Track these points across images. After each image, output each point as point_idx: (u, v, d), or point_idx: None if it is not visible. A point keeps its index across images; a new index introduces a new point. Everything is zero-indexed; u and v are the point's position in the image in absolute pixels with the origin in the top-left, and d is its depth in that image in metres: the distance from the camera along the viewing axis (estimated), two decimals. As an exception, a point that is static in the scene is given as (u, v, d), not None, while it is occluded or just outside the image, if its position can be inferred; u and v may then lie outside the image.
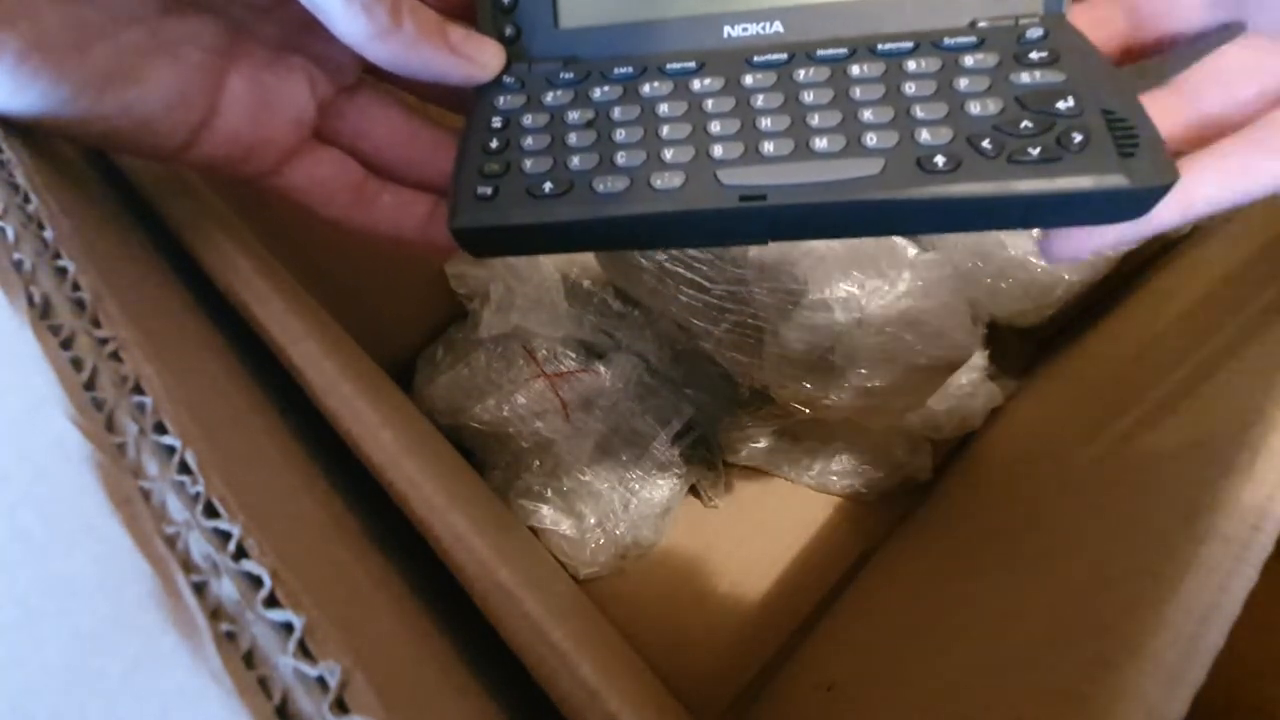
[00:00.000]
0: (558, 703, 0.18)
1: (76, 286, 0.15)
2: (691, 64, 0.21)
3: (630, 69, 0.22)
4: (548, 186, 0.20)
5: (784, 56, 0.21)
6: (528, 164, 0.21)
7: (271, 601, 0.12)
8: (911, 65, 0.20)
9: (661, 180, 0.20)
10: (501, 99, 0.22)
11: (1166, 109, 0.21)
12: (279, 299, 0.21)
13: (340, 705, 0.12)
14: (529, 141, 0.21)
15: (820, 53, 0.21)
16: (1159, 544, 0.17)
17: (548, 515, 0.45)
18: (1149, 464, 0.22)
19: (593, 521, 0.45)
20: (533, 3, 0.22)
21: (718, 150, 0.20)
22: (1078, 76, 0.19)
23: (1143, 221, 0.19)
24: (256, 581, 0.12)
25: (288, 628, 0.12)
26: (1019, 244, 0.43)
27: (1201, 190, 0.19)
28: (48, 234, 0.16)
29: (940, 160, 0.18)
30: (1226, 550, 0.16)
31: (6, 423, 0.13)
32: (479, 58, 0.21)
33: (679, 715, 0.31)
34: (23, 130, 0.18)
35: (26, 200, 0.16)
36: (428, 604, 0.21)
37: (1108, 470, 0.25)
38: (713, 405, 0.47)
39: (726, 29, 0.22)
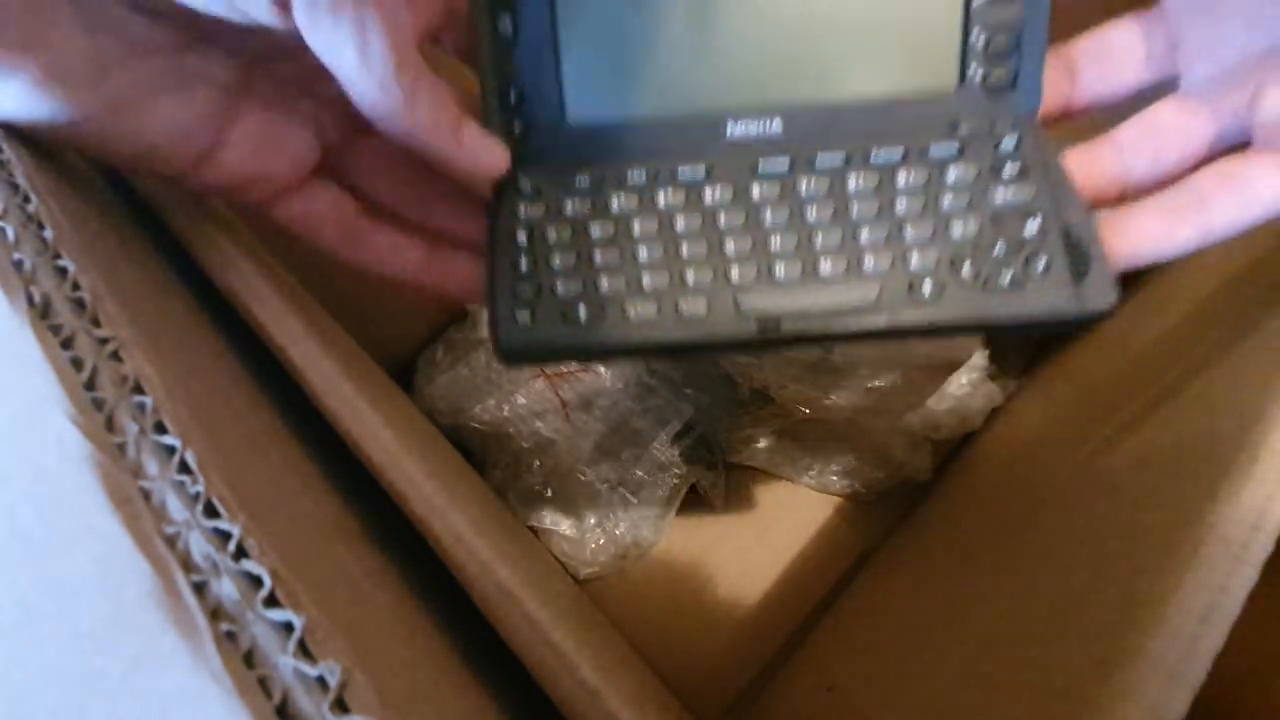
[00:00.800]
0: (558, 703, 0.18)
1: (76, 286, 0.15)
2: (701, 170, 0.23)
3: (643, 174, 0.23)
4: (583, 313, 0.22)
5: (786, 165, 0.23)
6: (560, 286, 0.22)
7: (271, 601, 0.12)
8: (902, 178, 0.22)
9: (687, 306, 0.22)
10: (523, 208, 0.23)
11: (1099, 161, 0.23)
12: (279, 299, 0.21)
13: (340, 705, 0.12)
14: (557, 261, 0.22)
15: (819, 162, 0.23)
16: (1159, 544, 0.17)
17: (548, 515, 0.45)
18: (1149, 464, 0.22)
19: (593, 521, 0.45)
20: (540, 101, 0.23)
21: (735, 273, 0.22)
22: (1044, 192, 0.22)
23: None
24: (256, 581, 0.12)
25: (288, 628, 0.12)
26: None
27: (1121, 253, 0.22)
28: (48, 234, 0.16)
29: (927, 288, 0.21)
30: (1226, 550, 0.16)
31: (6, 423, 0.13)
32: (484, 160, 0.22)
33: (679, 715, 0.31)
34: (24, 133, 0.18)
35: (26, 200, 0.16)
36: (428, 604, 0.21)
37: (1107, 470, 0.25)
38: (713, 405, 0.47)
39: (730, 127, 0.23)
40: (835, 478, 0.48)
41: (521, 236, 0.23)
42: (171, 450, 0.13)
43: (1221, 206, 0.21)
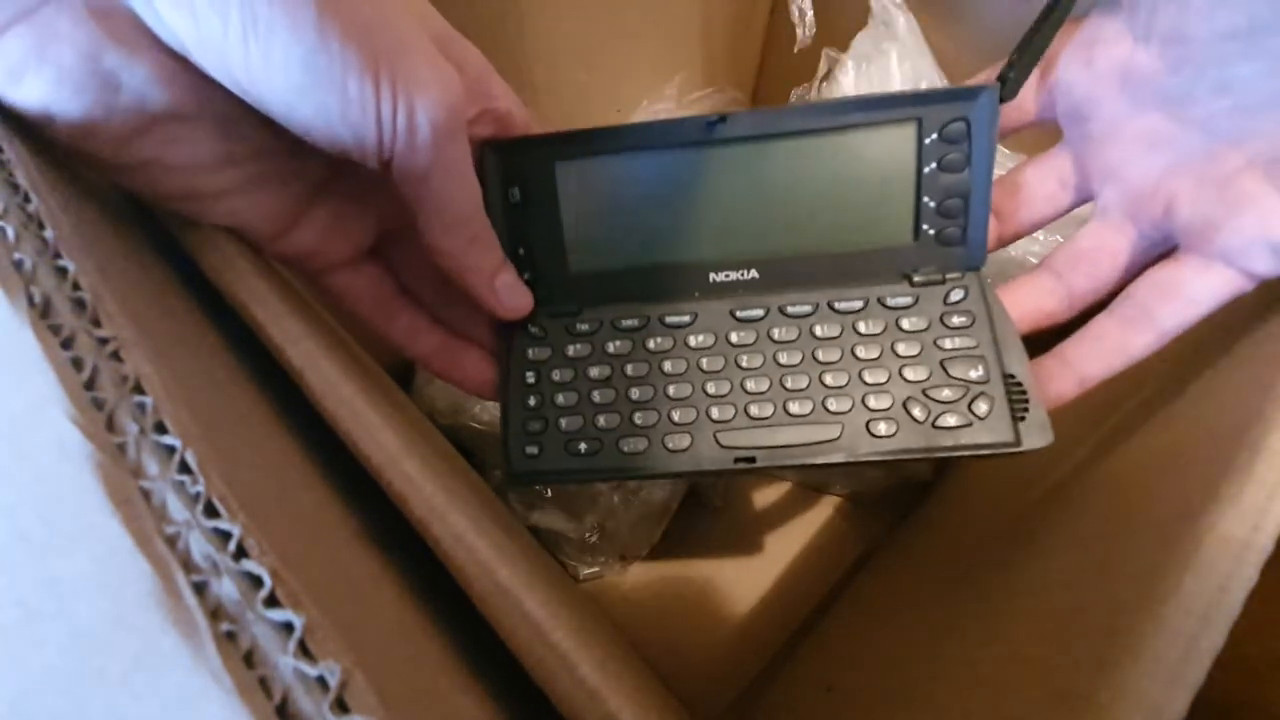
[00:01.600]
0: (557, 703, 0.18)
1: (76, 286, 0.15)
2: (686, 317, 0.27)
3: (635, 321, 0.27)
4: (583, 446, 0.26)
5: (761, 312, 0.26)
6: (563, 423, 0.26)
7: (271, 601, 0.12)
8: (862, 326, 0.26)
9: (673, 442, 0.25)
10: (531, 350, 0.27)
11: (1043, 289, 0.27)
12: (278, 299, 0.21)
13: (340, 705, 0.12)
14: (560, 399, 0.26)
15: (790, 309, 0.26)
16: (1159, 544, 0.17)
17: (548, 515, 0.45)
18: (1149, 464, 0.22)
19: (593, 521, 0.45)
20: (546, 254, 0.27)
21: (715, 413, 0.25)
22: (987, 340, 0.25)
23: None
24: (256, 581, 0.12)
25: (288, 628, 0.12)
26: (1019, 244, 0.43)
27: (1091, 372, 0.25)
28: (48, 234, 0.16)
29: (882, 428, 0.24)
30: (1226, 550, 0.16)
31: (6, 423, 0.13)
32: (509, 303, 0.26)
33: (679, 715, 0.31)
34: (23, 130, 0.18)
35: (26, 200, 0.16)
36: (428, 604, 0.21)
37: (1107, 470, 0.25)
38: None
39: (712, 275, 0.27)
40: (835, 478, 0.48)
41: (530, 377, 0.26)
42: (171, 450, 0.13)
43: (1165, 314, 0.24)
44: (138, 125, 0.19)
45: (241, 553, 0.13)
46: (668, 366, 0.26)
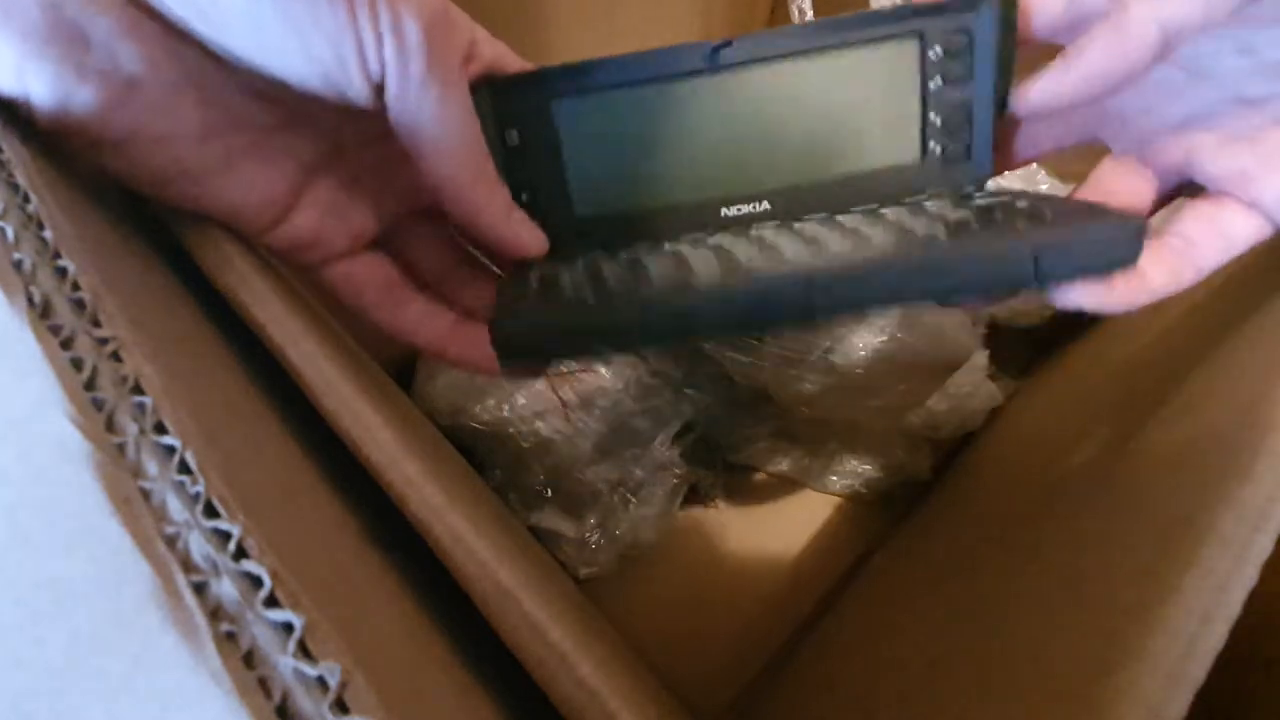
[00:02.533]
0: (557, 703, 0.18)
1: (76, 286, 0.15)
2: (701, 234, 0.25)
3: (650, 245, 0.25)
4: (590, 293, 0.21)
5: (776, 226, 0.25)
6: (567, 285, 0.22)
7: (271, 601, 0.12)
8: (886, 211, 0.25)
9: (697, 279, 0.21)
10: (534, 268, 0.24)
11: None
12: (278, 299, 0.21)
13: (340, 705, 0.12)
14: (566, 278, 0.23)
15: (807, 219, 0.25)
16: (1159, 544, 0.17)
17: (548, 515, 0.45)
18: (1149, 464, 0.22)
19: (593, 521, 0.45)
20: (549, 199, 0.25)
21: (744, 259, 0.22)
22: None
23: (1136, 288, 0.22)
24: (256, 581, 0.12)
25: (288, 628, 0.12)
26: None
27: (1159, 281, 0.23)
28: (48, 234, 0.16)
29: (941, 232, 0.22)
30: (1226, 551, 0.16)
31: (6, 423, 0.13)
32: (525, 239, 0.24)
33: (679, 715, 0.31)
34: (23, 129, 0.18)
35: (26, 200, 0.16)
36: (428, 604, 0.21)
37: (1107, 470, 0.25)
38: (713, 405, 0.47)
39: (724, 210, 0.26)
40: (835, 478, 0.48)
41: (534, 278, 0.23)
42: (171, 450, 0.13)
43: (1208, 249, 0.23)
44: (113, 90, 0.18)
45: (241, 553, 0.13)
46: (687, 250, 0.24)
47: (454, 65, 0.20)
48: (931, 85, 0.25)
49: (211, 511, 0.13)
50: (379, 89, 0.19)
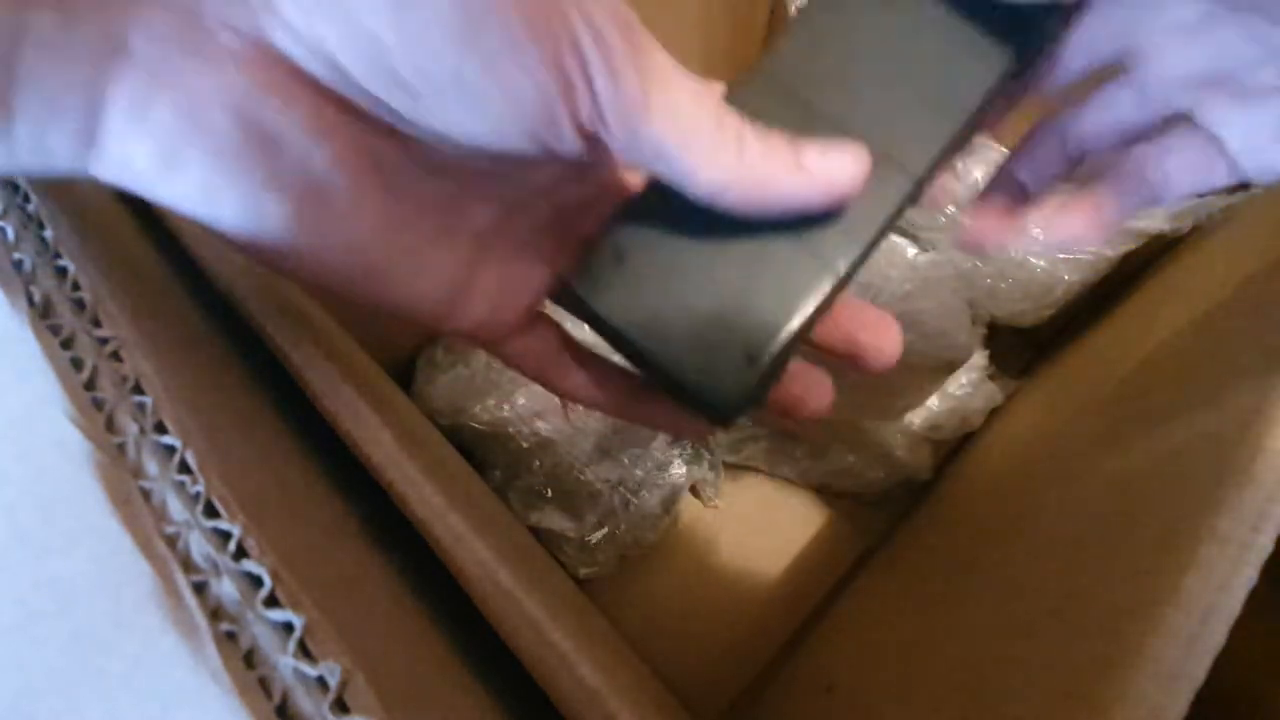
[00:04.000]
0: (557, 703, 0.18)
1: (76, 286, 0.15)
2: None
3: None
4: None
5: None
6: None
7: (271, 601, 0.12)
8: None
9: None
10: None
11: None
12: (278, 300, 0.21)
13: (340, 705, 0.12)
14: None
15: None
16: (1159, 544, 0.17)
17: (548, 515, 0.45)
18: (1149, 464, 0.22)
19: (593, 521, 0.45)
20: None
21: None
22: None
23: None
24: (256, 581, 0.12)
25: (288, 628, 0.12)
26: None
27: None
28: (48, 234, 0.16)
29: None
30: (1226, 551, 0.16)
31: (6, 423, 0.13)
32: (836, 171, 0.19)
33: (679, 715, 0.31)
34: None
35: (26, 200, 0.16)
36: (428, 604, 0.21)
37: (1107, 470, 0.25)
38: (713, 405, 0.47)
39: None
40: (835, 478, 0.48)
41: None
42: (171, 450, 0.13)
43: (1182, 180, 0.23)
44: (305, 197, 0.16)
45: (241, 553, 0.13)
46: None
47: (661, 58, 0.17)
48: None
49: (211, 511, 0.13)
50: (591, 134, 0.17)
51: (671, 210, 0.19)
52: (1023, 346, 0.50)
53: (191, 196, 0.15)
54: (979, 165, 0.45)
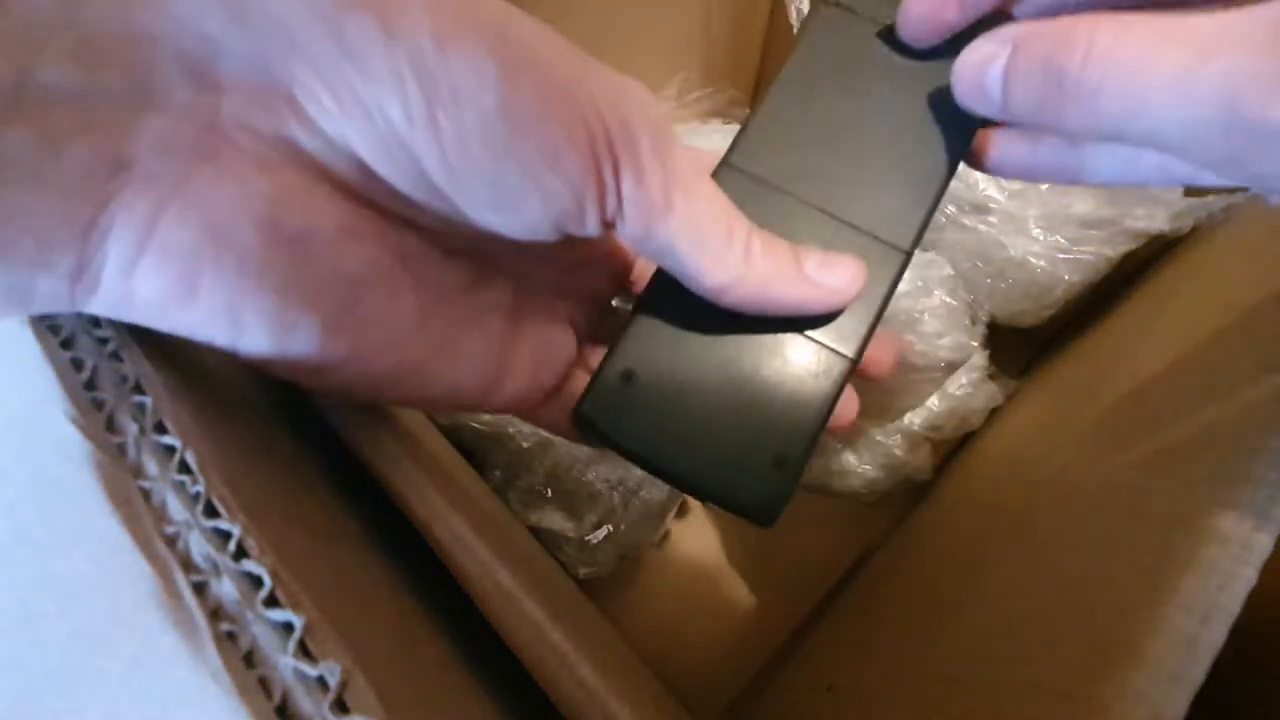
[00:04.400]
0: (557, 703, 0.18)
1: (76, 286, 0.15)
2: None
3: None
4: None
5: None
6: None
7: (271, 601, 0.12)
8: None
9: None
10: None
11: None
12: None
13: (340, 705, 0.12)
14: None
15: None
16: (1159, 544, 0.17)
17: (548, 515, 0.45)
18: (1149, 464, 0.22)
19: (593, 521, 0.45)
20: None
21: None
22: None
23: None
24: (256, 581, 0.12)
25: (288, 628, 0.12)
26: (1019, 244, 0.43)
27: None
28: (48, 234, 0.16)
29: None
30: (1226, 551, 0.16)
31: (6, 423, 0.13)
32: (842, 279, 0.19)
33: (679, 715, 0.31)
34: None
35: (26, 200, 0.16)
36: (428, 604, 0.21)
37: (1108, 470, 0.25)
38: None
39: None
40: (835, 478, 0.48)
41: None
42: (171, 450, 0.13)
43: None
44: (337, 304, 0.15)
45: (241, 553, 0.13)
46: None
47: (680, 148, 0.17)
48: None
49: (211, 511, 0.13)
50: (610, 224, 0.17)
51: (674, 321, 0.20)
52: (1023, 346, 0.50)
53: (212, 322, 0.14)
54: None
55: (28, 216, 0.12)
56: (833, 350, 0.19)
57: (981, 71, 0.18)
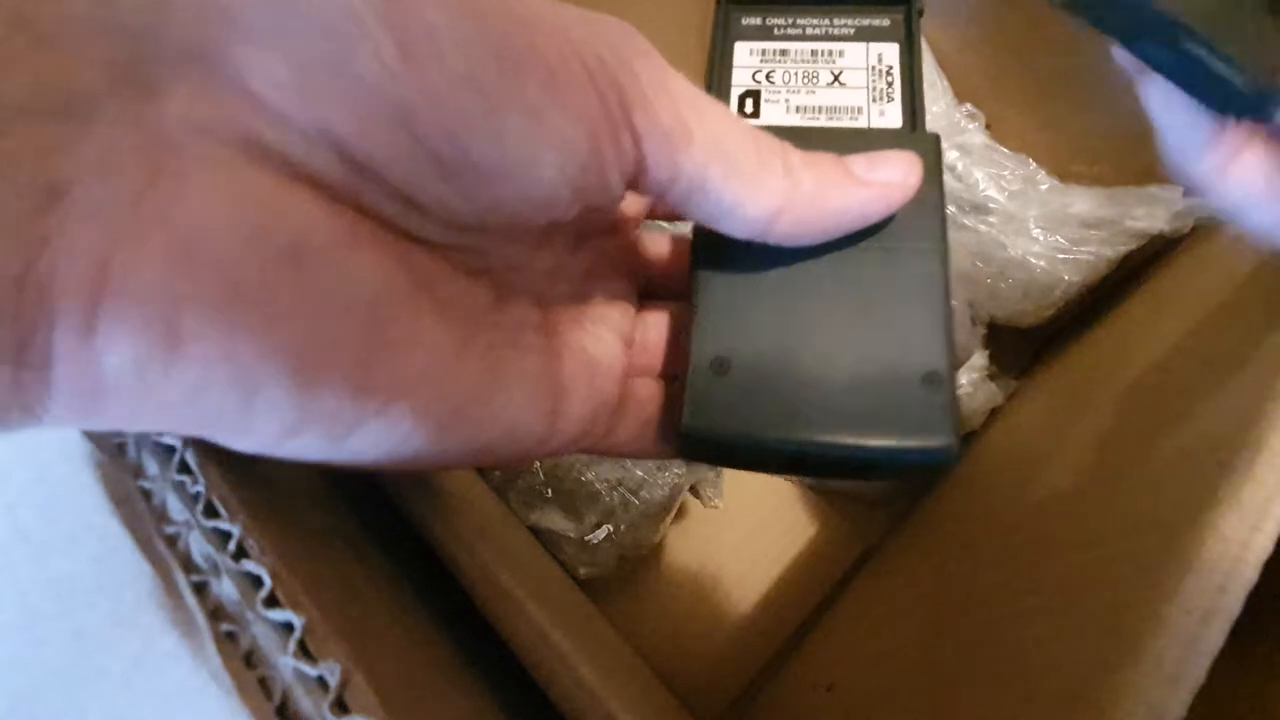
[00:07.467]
0: (557, 703, 0.18)
1: (77, 286, 0.15)
2: None
3: None
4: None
5: None
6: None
7: (271, 601, 0.12)
8: None
9: None
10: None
11: None
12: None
13: (340, 705, 0.12)
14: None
15: None
16: (1159, 544, 0.17)
17: (548, 515, 0.45)
18: (1149, 463, 0.22)
19: (593, 521, 0.45)
20: None
21: None
22: None
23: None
24: (256, 581, 0.12)
25: (288, 628, 0.12)
26: (1019, 244, 0.43)
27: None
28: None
29: None
30: (1226, 550, 0.16)
31: (6, 423, 0.13)
32: (896, 175, 0.17)
33: (679, 715, 0.32)
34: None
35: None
36: (428, 604, 0.21)
37: (1108, 470, 0.25)
38: (713, 405, 0.47)
39: None
40: (835, 478, 0.48)
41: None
42: (171, 450, 0.13)
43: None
44: (355, 324, 0.13)
45: (241, 553, 0.13)
46: None
47: (686, 85, 0.16)
48: None
49: (211, 511, 0.13)
50: (632, 178, 0.15)
51: (740, 291, 0.18)
52: (1023, 346, 0.50)
53: (210, 382, 0.11)
54: (979, 166, 0.45)
55: None
56: (917, 249, 0.18)
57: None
